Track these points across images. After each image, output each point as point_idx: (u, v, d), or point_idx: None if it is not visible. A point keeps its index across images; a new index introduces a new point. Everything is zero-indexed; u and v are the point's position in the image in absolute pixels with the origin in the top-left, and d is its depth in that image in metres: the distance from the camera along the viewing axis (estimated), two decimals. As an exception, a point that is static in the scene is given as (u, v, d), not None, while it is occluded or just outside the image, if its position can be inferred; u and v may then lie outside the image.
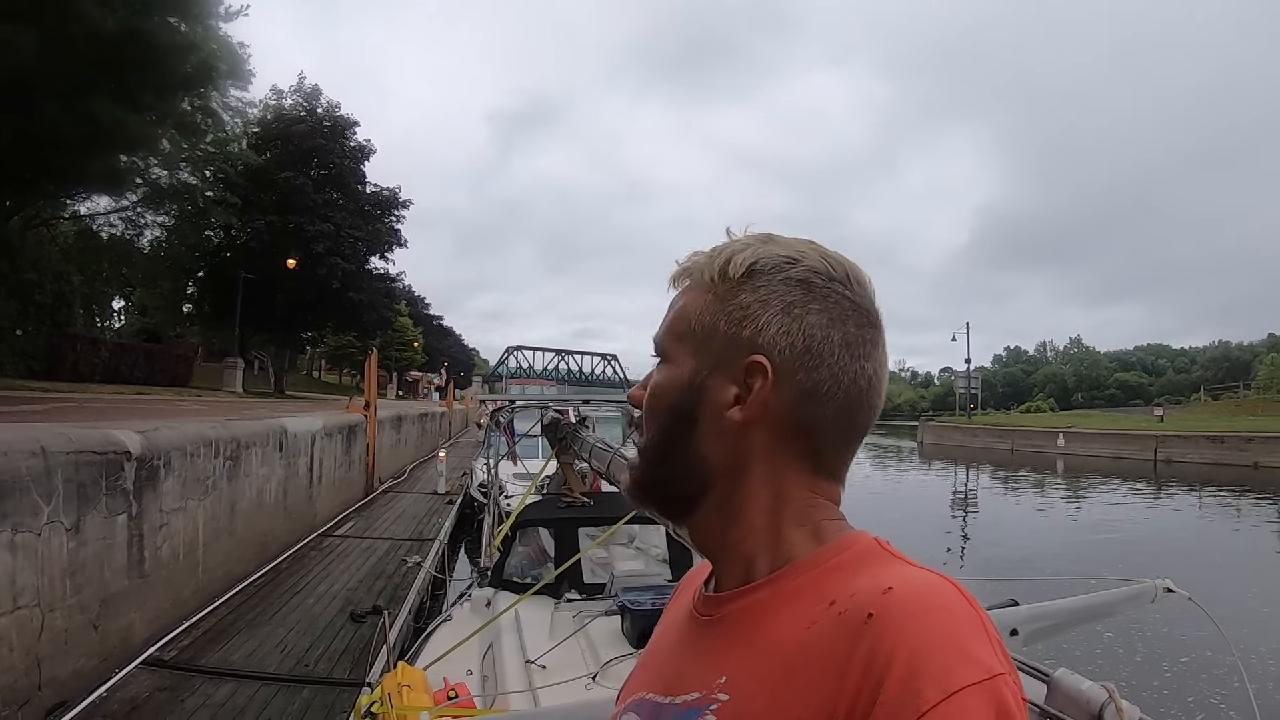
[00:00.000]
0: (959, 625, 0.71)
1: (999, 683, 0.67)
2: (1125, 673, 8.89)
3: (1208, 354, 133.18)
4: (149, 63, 18.14)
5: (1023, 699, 0.69)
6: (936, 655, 0.68)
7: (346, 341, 58.51)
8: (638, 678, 1.02)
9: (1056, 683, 2.00)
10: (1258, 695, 3.30)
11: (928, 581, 0.76)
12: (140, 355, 30.80)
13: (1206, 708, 8.00)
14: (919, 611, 0.71)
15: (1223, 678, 8.28)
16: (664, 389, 0.92)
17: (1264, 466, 34.31)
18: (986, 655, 0.69)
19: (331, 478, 14.05)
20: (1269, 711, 7.77)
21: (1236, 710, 7.57)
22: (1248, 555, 17.51)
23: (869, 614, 0.72)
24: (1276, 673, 9.05)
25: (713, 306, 0.90)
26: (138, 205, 29.67)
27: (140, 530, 6.83)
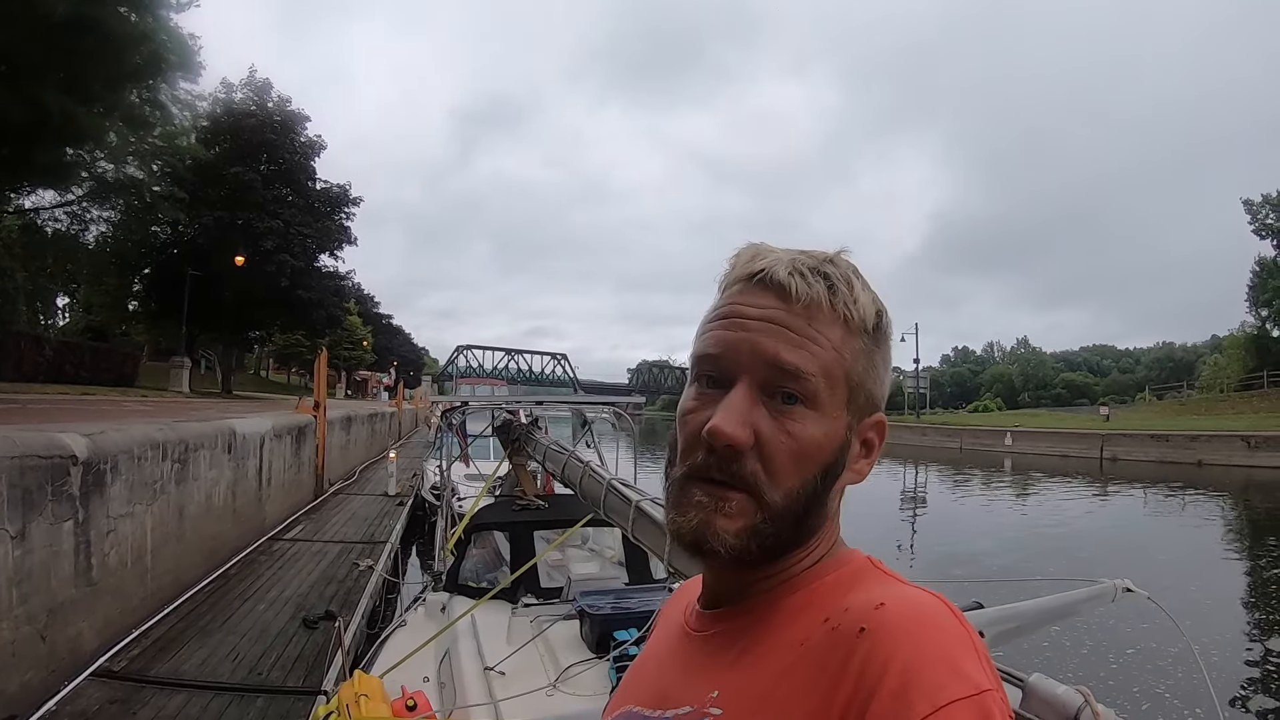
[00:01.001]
0: (949, 641, 0.72)
1: (987, 699, 0.68)
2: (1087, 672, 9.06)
3: (1152, 355, 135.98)
4: (99, 52, 17.84)
5: (1010, 716, 0.71)
6: (927, 670, 0.69)
7: (295, 340, 57.88)
8: (625, 691, 1.02)
9: (1032, 688, 2.02)
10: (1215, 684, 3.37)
11: (919, 599, 0.78)
12: (85, 354, 30.36)
13: (1166, 700, 8.20)
14: (911, 627, 0.73)
15: (1181, 671, 8.53)
16: (820, 445, 0.86)
17: (1208, 464, 34.97)
18: (975, 672, 0.70)
19: (281, 480, 13.88)
20: (1226, 698, 8.27)
21: (1195, 701, 7.75)
22: (1193, 551, 17.92)
23: (861, 628, 0.75)
24: (1229, 662, 9.51)
25: (863, 359, 0.89)
26: (83, 200, 29.10)
27: (87, 537, 6.69)
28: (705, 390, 0.89)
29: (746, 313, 0.87)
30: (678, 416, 0.91)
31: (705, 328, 0.91)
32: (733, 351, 0.86)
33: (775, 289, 0.87)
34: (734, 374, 0.86)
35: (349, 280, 49.57)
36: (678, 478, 0.88)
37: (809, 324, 0.86)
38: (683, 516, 0.86)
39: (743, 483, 0.83)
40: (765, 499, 0.84)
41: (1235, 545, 19.48)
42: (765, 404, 0.84)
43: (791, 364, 0.84)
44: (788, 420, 0.84)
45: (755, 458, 0.83)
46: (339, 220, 42.06)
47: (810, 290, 0.86)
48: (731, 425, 0.82)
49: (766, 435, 0.83)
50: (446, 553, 7.40)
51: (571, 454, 6.68)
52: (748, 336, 0.86)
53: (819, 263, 0.89)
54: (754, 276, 0.89)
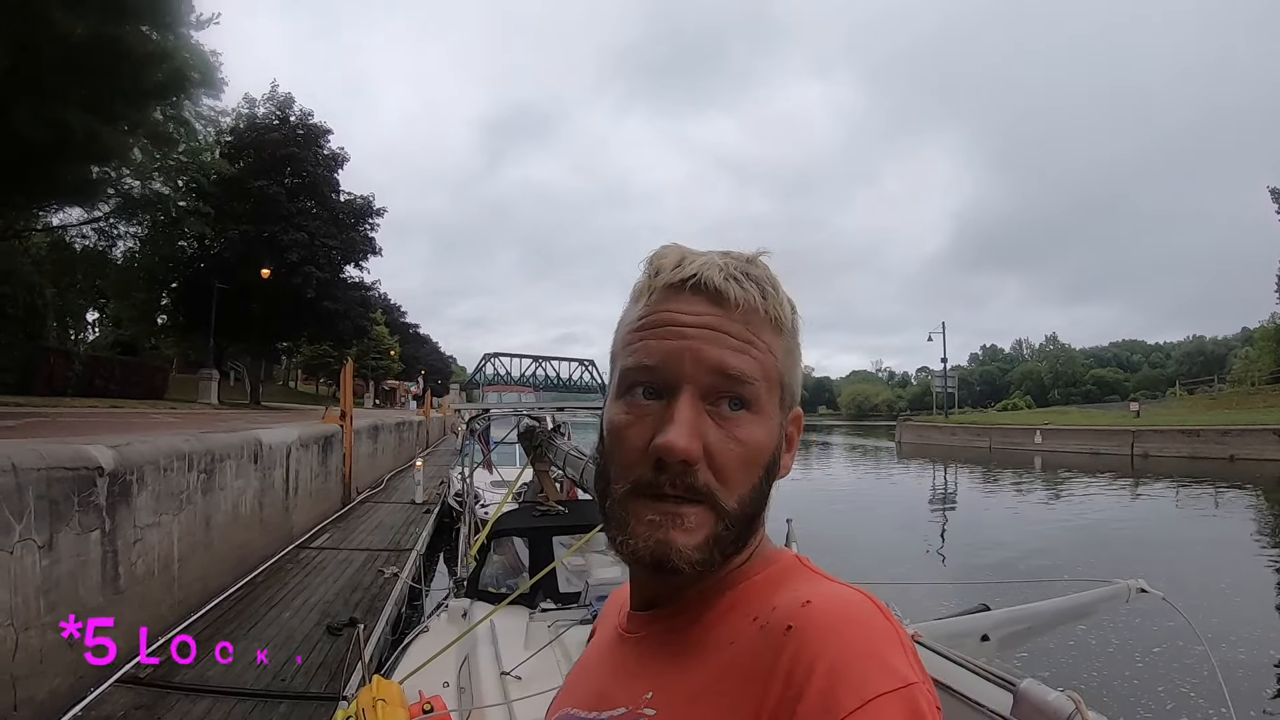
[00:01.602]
0: (875, 636, 0.73)
1: (914, 691, 0.69)
2: (1096, 671, 8.96)
3: (1182, 349, 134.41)
4: (120, 71, 17.99)
5: (937, 707, 0.72)
6: (854, 665, 0.70)
7: (322, 351, 58.17)
8: (564, 695, 1.02)
9: (1023, 693, 2.02)
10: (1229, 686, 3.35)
11: (845, 595, 0.79)
12: (115, 368, 30.54)
13: (1181, 703, 8.05)
14: (837, 623, 0.74)
15: (1197, 672, 8.38)
16: (764, 447, 0.86)
17: (1240, 459, 34.62)
18: (902, 665, 0.71)
19: (308, 489, 13.99)
20: (1241, 702, 7.99)
21: (1210, 706, 7.64)
22: (1224, 548, 17.68)
23: (789, 626, 0.76)
24: (1247, 663, 9.22)
25: (789, 358, 0.90)
26: (110, 216, 29.33)
27: (114, 546, 6.80)
28: (640, 401, 0.86)
29: (682, 320, 0.85)
30: (609, 430, 0.89)
31: (634, 337, 0.89)
32: (673, 361, 0.84)
33: (710, 295, 0.86)
34: (676, 384, 0.84)
35: (375, 290, 49.63)
36: (621, 496, 0.86)
37: (747, 328, 0.85)
38: (635, 538, 0.84)
39: (698, 495, 0.82)
40: (723, 507, 0.83)
41: (1268, 541, 19.23)
42: (710, 412, 0.83)
43: (737, 370, 0.83)
44: (733, 427, 0.84)
45: (707, 468, 0.82)
46: (363, 231, 42.13)
47: (746, 295, 0.85)
48: (685, 440, 0.80)
49: (716, 445, 0.82)
50: (469, 559, 7.43)
51: (590, 458, 6.70)
52: (688, 345, 0.84)
53: (744, 265, 0.88)
54: (686, 282, 0.87)
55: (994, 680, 2.13)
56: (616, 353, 0.92)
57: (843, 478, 37.15)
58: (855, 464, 45.29)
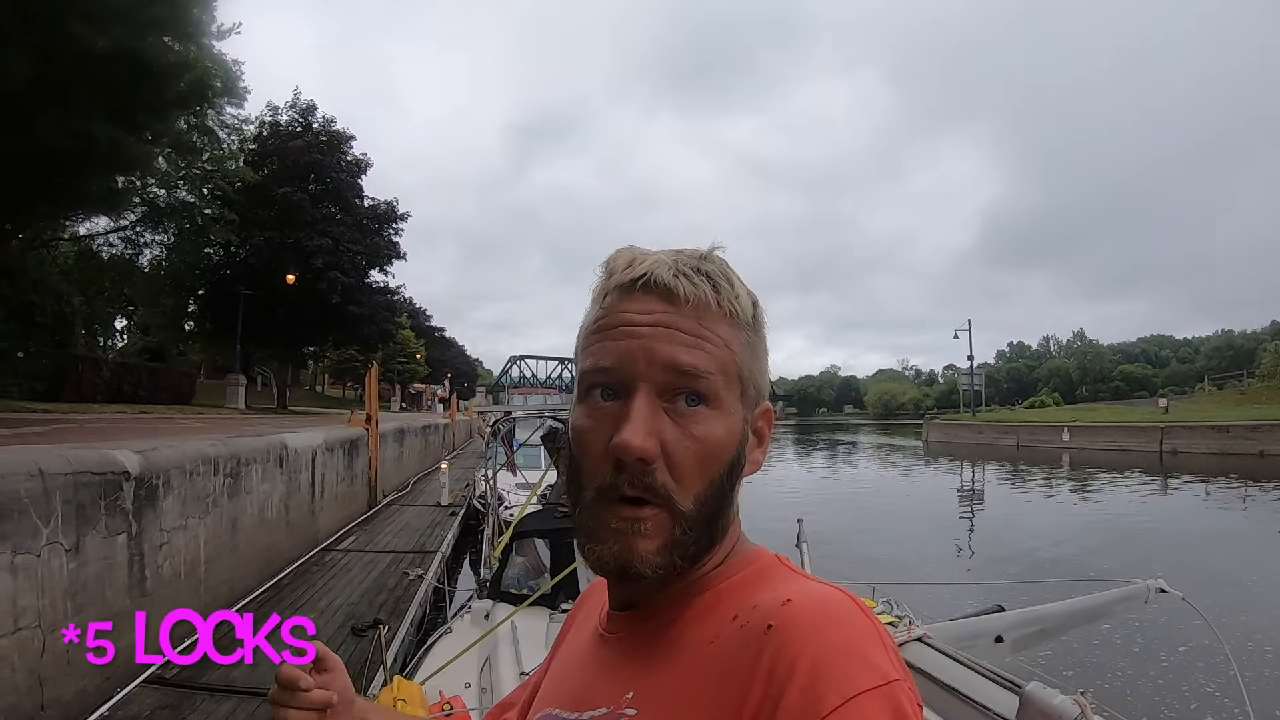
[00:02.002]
0: (856, 634, 0.74)
1: (895, 688, 0.70)
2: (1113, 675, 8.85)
3: (1211, 343, 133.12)
4: (143, 82, 18.12)
5: (919, 704, 0.73)
6: (835, 663, 0.71)
7: (349, 355, 58.39)
8: (544, 695, 1.03)
9: (1028, 696, 2.01)
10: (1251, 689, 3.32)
11: (825, 594, 0.80)
12: (143, 374, 30.76)
13: (1201, 706, 7.98)
14: (817, 621, 0.75)
15: (1218, 674, 8.24)
16: (724, 443, 0.86)
17: (1270, 455, 34.29)
18: (883, 662, 0.72)
19: (334, 492, 14.07)
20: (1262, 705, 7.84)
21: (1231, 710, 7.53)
22: (1254, 546, 17.51)
23: (769, 625, 0.76)
24: (1271, 661, 9.11)
25: (749, 351, 0.90)
26: (136, 225, 29.73)
27: (141, 549, 6.87)
28: (600, 403, 0.87)
29: (635, 319, 0.86)
30: (573, 436, 0.90)
31: (590, 339, 0.90)
32: (627, 361, 0.85)
33: (661, 292, 0.86)
34: (631, 384, 0.84)
35: (400, 295, 49.85)
36: (589, 503, 0.86)
37: (699, 324, 0.85)
38: (601, 545, 0.85)
39: (656, 496, 0.83)
40: (678, 509, 0.83)
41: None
42: (667, 410, 0.84)
43: (690, 365, 0.83)
44: (691, 423, 0.84)
45: (664, 468, 0.83)
46: (388, 236, 42.31)
47: (697, 290, 0.86)
48: (639, 438, 0.81)
49: (672, 443, 0.83)
50: (493, 560, 7.46)
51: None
52: (641, 344, 0.84)
53: (697, 261, 0.89)
54: (637, 281, 0.88)
55: (1000, 683, 2.13)
56: (577, 356, 0.93)
57: (869, 476, 37.06)
58: (882, 463, 45.16)
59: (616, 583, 0.92)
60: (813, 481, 32.79)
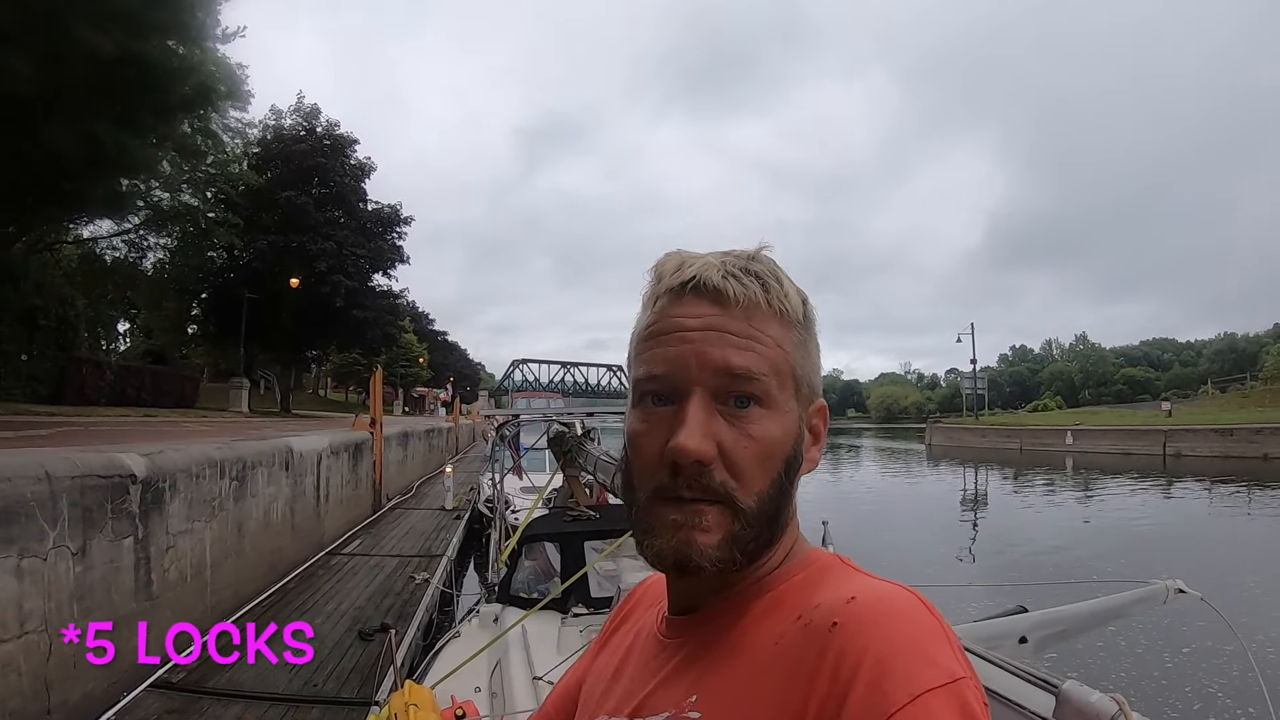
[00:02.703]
0: (921, 631, 0.73)
1: (962, 686, 0.69)
2: (1135, 674, 8.88)
3: (1214, 346, 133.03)
4: (148, 85, 18.17)
5: (984, 703, 0.71)
6: (901, 660, 0.69)
7: (352, 359, 58.44)
8: (596, 701, 1.01)
9: (1065, 695, 1.98)
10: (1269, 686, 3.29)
11: (889, 591, 0.78)
12: (146, 377, 30.76)
13: (1219, 707, 7.98)
14: (882, 619, 0.73)
15: (1236, 676, 8.30)
16: (781, 442, 0.86)
17: (1274, 458, 34.32)
18: (949, 660, 0.70)
19: (339, 496, 14.06)
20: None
21: (1250, 707, 7.54)
22: (1258, 548, 17.56)
23: (834, 623, 0.75)
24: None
25: (800, 350, 0.89)
26: (140, 228, 29.74)
27: (147, 553, 6.85)
28: (654, 408, 0.87)
29: (686, 324, 0.86)
30: (628, 439, 0.90)
31: (643, 346, 0.90)
32: (680, 366, 0.85)
33: (711, 295, 0.86)
34: (685, 388, 0.84)
35: (403, 299, 49.95)
36: (644, 502, 0.86)
37: (749, 324, 0.85)
38: (659, 539, 0.85)
39: (715, 495, 0.83)
40: (739, 506, 0.83)
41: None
42: (721, 412, 0.84)
43: (742, 367, 0.83)
44: (746, 424, 0.84)
45: (722, 468, 0.83)
46: (391, 240, 42.37)
47: (746, 291, 0.86)
48: (696, 441, 0.81)
49: (729, 443, 0.83)
50: (500, 564, 7.43)
51: (620, 464, 6.68)
52: (693, 349, 0.84)
53: (745, 262, 0.89)
54: (686, 285, 0.87)
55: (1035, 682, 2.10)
56: (630, 362, 0.93)
57: (872, 480, 37.07)
58: (885, 466, 45.22)
59: (676, 577, 0.91)
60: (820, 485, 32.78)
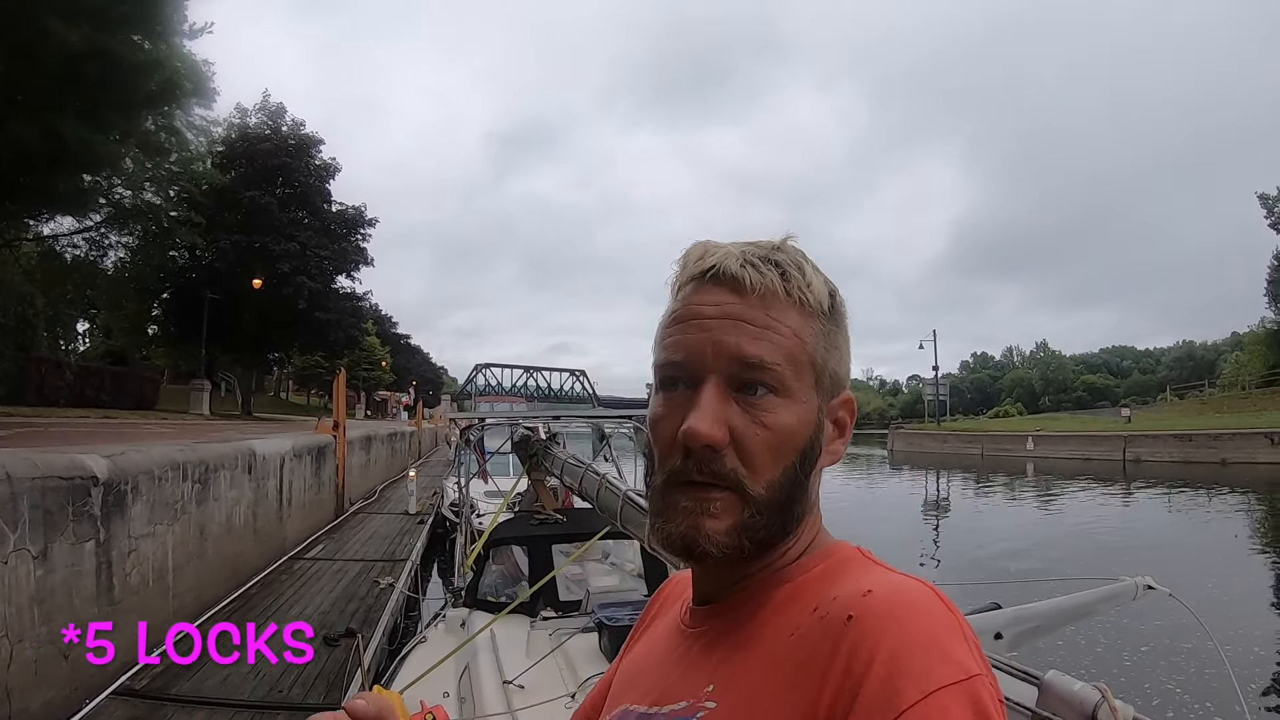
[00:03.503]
0: (937, 627, 0.73)
1: (976, 683, 0.69)
2: (1106, 670, 9.02)
3: (1172, 354, 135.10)
4: (113, 80, 17.98)
5: (1000, 700, 0.71)
6: (915, 655, 0.69)
7: (314, 361, 58.14)
8: (622, 690, 1.02)
9: (1048, 685, 2.00)
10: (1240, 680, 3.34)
11: (906, 585, 0.78)
12: (106, 378, 30.40)
13: (1189, 697, 8.18)
14: (897, 613, 0.74)
15: (1205, 668, 8.54)
16: (796, 431, 0.86)
17: (1232, 463, 34.78)
18: (964, 656, 0.71)
19: (301, 499, 13.92)
20: (1252, 694, 8.25)
21: (1219, 697, 7.73)
22: (1218, 550, 17.84)
23: (849, 616, 0.75)
24: (1255, 659, 9.42)
25: (823, 340, 0.89)
26: (101, 226, 29.43)
27: (109, 557, 6.74)
28: (672, 393, 0.88)
29: (704, 312, 0.87)
30: (649, 424, 0.91)
31: (664, 333, 0.91)
32: (696, 353, 0.86)
33: (729, 283, 0.87)
34: (701, 375, 0.85)
35: (366, 301, 49.74)
36: (659, 485, 0.88)
37: (767, 313, 0.86)
38: (670, 523, 0.86)
39: (725, 480, 0.84)
40: (749, 493, 0.84)
41: (1261, 542, 19.39)
42: (736, 399, 0.84)
43: (755, 356, 0.84)
44: (760, 412, 0.84)
45: (733, 454, 0.83)
46: (355, 241, 42.24)
47: (764, 279, 0.86)
48: (706, 425, 0.82)
49: (741, 430, 0.83)
50: (466, 569, 7.39)
51: (589, 467, 6.68)
52: (709, 335, 0.85)
53: (768, 251, 0.89)
54: (706, 274, 0.89)
55: (1016, 674, 2.11)
56: (655, 348, 0.93)
57: (834, 485, 37.14)
58: (847, 471, 45.34)
59: (684, 561, 0.91)
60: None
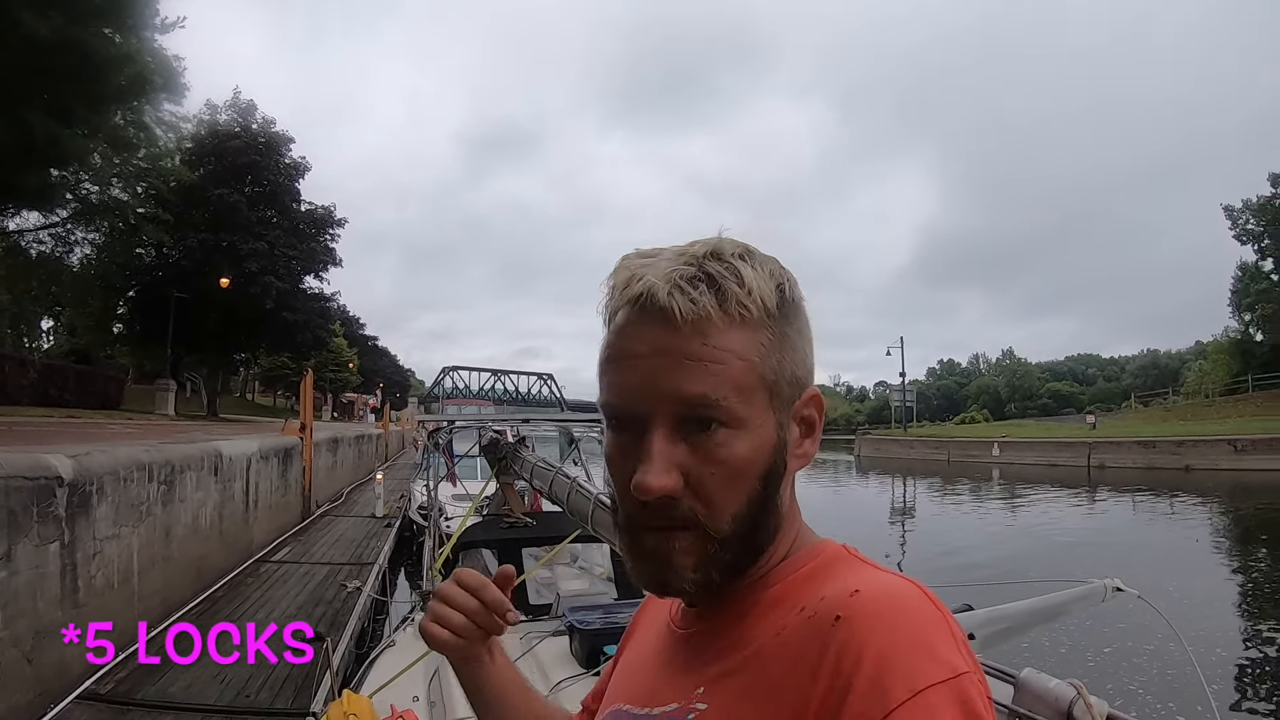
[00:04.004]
0: (925, 626, 0.72)
1: (965, 681, 0.68)
2: (1078, 670, 9.11)
3: (1137, 362, 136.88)
4: (83, 73, 17.82)
5: (988, 698, 0.71)
6: (903, 655, 0.69)
7: (280, 362, 57.73)
8: (615, 690, 1.02)
9: (1024, 683, 2.02)
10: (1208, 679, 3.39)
11: (894, 584, 0.78)
12: (70, 377, 30.05)
13: (1158, 695, 8.35)
14: (886, 612, 0.73)
15: (1172, 668, 8.69)
16: (752, 460, 0.82)
17: (1195, 469, 35.32)
18: (952, 655, 0.70)
19: (268, 502, 13.82)
20: (1219, 691, 8.43)
21: (1187, 695, 7.85)
22: (1182, 554, 18.19)
23: (837, 616, 0.74)
24: (1220, 658, 9.71)
25: (775, 349, 0.84)
26: (68, 221, 29.12)
27: (73, 558, 6.65)
28: (620, 434, 0.85)
29: (635, 350, 0.82)
30: (605, 460, 0.88)
31: (602, 369, 0.86)
32: (634, 397, 0.82)
33: (658, 315, 0.80)
34: (643, 419, 0.81)
35: (334, 302, 49.45)
36: (623, 525, 0.86)
37: (704, 343, 0.80)
38: (640, 565, 0.86)
39: (686, 523, 0.81)
40: (710, 531, 0.82)
41: (1225, 547, 19.75)
42: (685, 439, 0.80)
43: (697, 395, 0.79)
44: (712, 449, 0.80)
45: (691, 496, 0.81)
46: (324, 241, 42.02)
47: (696, 307, 0.79)
48: (657, 478, 0.79)
49: (695, 472, 0.80)
50: (434, 572, 7.35)
51: (559, 470, 6.66)
52: (644, 377, 0.81)
53: (700, 262, 0.82)
54: (635, 302, 0.82)
55: (992, 673, 2.13)
56: (598, 381, 0.88)
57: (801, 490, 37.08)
58: (814, 477, 45.48)
59: (660, 596, 0.92)
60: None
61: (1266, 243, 52.16)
